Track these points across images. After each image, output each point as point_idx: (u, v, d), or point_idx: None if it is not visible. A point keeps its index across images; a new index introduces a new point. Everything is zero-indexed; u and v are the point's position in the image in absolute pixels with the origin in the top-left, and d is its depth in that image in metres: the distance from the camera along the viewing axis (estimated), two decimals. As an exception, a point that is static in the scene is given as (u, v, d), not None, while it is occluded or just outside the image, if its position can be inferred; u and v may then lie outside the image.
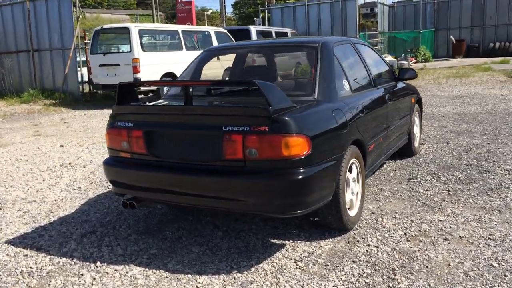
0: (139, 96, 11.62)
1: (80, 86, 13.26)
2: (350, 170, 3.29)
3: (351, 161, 3.25)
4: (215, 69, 4.35)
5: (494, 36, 22.94)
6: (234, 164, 2.79)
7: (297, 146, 2.66)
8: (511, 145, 5.71)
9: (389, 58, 20.72)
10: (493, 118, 7.66)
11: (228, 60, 4.43)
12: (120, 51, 11.91)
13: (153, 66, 11.25)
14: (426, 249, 3.04)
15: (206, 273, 2.89)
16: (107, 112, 10.84)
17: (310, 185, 2.72)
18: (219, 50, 4.51)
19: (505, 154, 5.30)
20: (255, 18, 38.14)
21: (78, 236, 3.58)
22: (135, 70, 10.92)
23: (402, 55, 20.85)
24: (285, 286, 2.69)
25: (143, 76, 10.99)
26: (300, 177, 2.67)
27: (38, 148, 7.05)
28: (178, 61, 11.94)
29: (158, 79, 11.37)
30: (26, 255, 3.29)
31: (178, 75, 11.86)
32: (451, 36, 23.46)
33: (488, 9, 23.06)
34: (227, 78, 4.18)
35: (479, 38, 23.31)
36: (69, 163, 5.97)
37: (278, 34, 16.31)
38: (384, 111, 4.01)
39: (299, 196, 2.71)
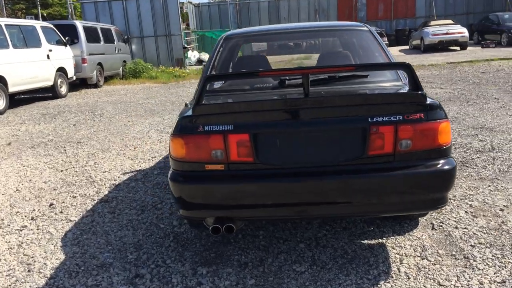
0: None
1: None
2: None
3: None
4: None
5: (289, 35, 25.53)
6: (380, 160, 2.45)
7: (448, 133, 2.49)
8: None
9: (207, 56, 21.14)
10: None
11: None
12: None
13: (-22, 67, 9.03)
14: (503, 222, 3.21)
15: (351, 291, 2.48)
16: None
17: (455, 175, 2.57)
18: (249, 36, 3.84)
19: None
20: (26, 16, 34.21)
21: (126, 280, 2.65)
22: (-45, 73, 8.58)
23: (216, 53, 21.44)
24: (451, 284, 2.50)
25: (-34, 80, 8.72)
26: (450, 167, 2.49)
27: None
28: (6, 62, 9.91)
29: (-15, 83, 9.21)
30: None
31: (7, 78, 9.83)
32: (254, 35, 25.20)
33: (281, 11, 25.51)
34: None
35: (277, 36, 25.63)
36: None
37: (103, 30, 14.99)
38: None
39: (448, 187, 2.53)
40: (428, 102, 2.42)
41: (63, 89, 12.20)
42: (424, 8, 25.64)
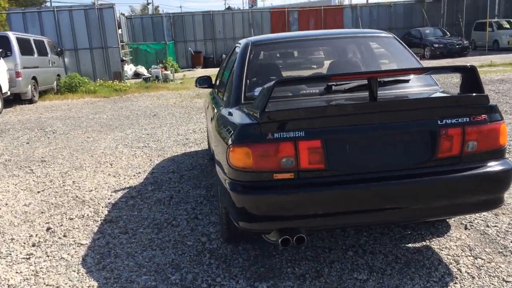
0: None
1: None
2: None
3: None
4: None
5: (224, 48, 25.56)
6: (447, 162, 2.48)
7: (506, 134, 2.57)
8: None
9: (143, 69, 20.57)
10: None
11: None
12: None
13: None
14: (524, 218, 3.38)
15: (425, 295, 2.47)
16: None
17: None
18: (277, 42, 3.69)
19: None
20: None
21: (189, 309, 2.44)
22: None
23: (153, 66, 20.91)
24: (512, 280, 2.57)
25: None
26: (508, 167, 2.56)
27: None
28: None
29: None
30: None
31: None
32: (190, 48, 24.95)
33: (216, 25, 25.49)
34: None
35: (212, 50, 25.53)
36: None
37: (36, 42, 14.09)
38: None
39: (507, 187, 2.60)
40: (490, 104, 2.49)
41: (-2, 105, 11.23)
42: (351, 23, 26.86)
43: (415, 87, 3.02)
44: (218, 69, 18.45)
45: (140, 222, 3.72)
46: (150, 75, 18.20)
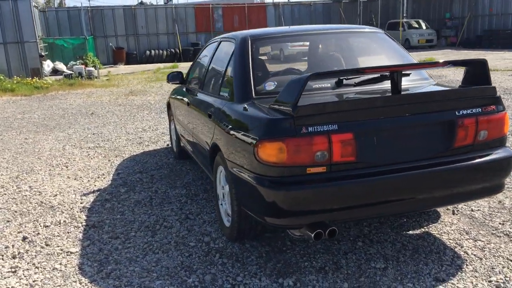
0: None
1: None
2: None
3: None
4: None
5: (148, 44, 24.80)
6: (462, 151, 2.62)
7: (508, 123, 2.76)
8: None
9: (62, 65, 19.37)
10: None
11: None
12: None
13: None
14: (500, 201, 3.66)
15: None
16: None
17: None
18: (273, 37, 3.58)
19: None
20: None
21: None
22: None
23: (71, 62, 19.78)
24: (515, 258, 2.78)
25: None
26: (510, 154, 2.76)
27: None
28: None
29: None
30: None
31: None
32: (111, 44, 23.91)
33: (138, 19, 24.64)
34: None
35: (135, 46, 24.63)
36: None
37: None
38: None
39: (509, 173, 2.80)
40: (496, 95, 2.67)
41: None
42: (274, 20, 27.35)
43: (413, 80, 3.15)
44: (144, 65, 17.80)
45: (128, 226, 3.51)
46: (71, 72, 17.16)
